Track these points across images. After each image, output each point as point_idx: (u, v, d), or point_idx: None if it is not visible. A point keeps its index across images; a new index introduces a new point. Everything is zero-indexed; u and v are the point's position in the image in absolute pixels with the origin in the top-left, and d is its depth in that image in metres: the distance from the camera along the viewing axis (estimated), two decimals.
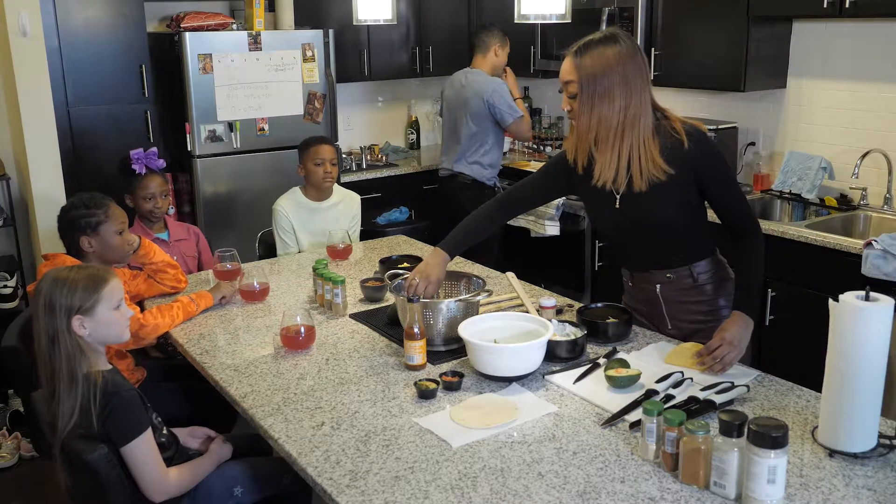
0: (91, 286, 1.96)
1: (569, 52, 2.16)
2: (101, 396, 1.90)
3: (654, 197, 2.17)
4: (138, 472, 1.94)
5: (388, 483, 1.65)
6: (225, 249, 2.94)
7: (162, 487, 1.98)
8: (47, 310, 1.93)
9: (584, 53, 2.12)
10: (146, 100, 4.30)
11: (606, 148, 2.16)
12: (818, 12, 3.48)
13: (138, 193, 3.32)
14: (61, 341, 1.92)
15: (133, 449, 1.92)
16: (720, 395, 1.92)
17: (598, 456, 1.74)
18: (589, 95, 2.10)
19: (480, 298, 2.39)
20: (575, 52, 2.13)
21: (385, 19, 3.45)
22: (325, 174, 3.44)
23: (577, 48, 2.14)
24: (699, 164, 2.16)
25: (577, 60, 2.12)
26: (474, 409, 1.95)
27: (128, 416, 1.92)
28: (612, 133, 2.13)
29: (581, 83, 2.11)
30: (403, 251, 3.31)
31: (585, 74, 2.10)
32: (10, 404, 3.95)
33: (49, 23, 3.96)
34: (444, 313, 2.27)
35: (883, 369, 1.66)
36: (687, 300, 2.33)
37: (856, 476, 1.63)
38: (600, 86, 2.09)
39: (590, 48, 2.11)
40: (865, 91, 3.75)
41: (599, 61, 2.09)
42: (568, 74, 2.15)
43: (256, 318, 2.65)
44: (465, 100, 4.43)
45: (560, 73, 2.18)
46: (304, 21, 4.82)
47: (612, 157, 2.16)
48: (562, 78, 2.17)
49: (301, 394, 2.08)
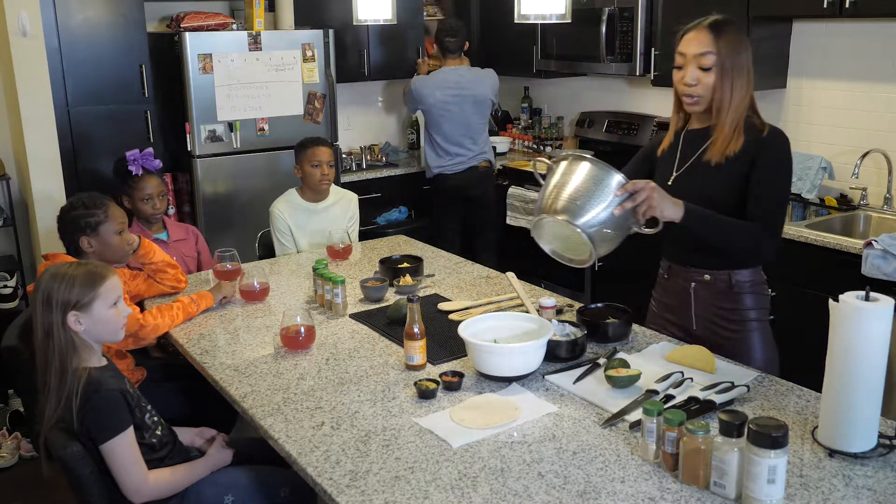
0: (89, 283, 1.98)
1: (696, 27, 2.18)
2: (81, 393, 1.92)
3: (717, 173, 2.20)
4: (115, 472, 1.95)
5: (388, 483, 1.65)
6: (225, 249, 2.94)
7: (139, 489, 1.97)
8: (45, 304, 1.94)
9: (720, 30, 2.15)
10: (146, 100, 4.30)
11: (731, 122, 2.18)
12: (818, 12, 3.48)
13: (136, 195, 3.28)
14: (55, 335, 1.94)
15: (111, 448, 1.93)
16: (720, 395, 1.92)
17: (598, 456, 1.74)
18: (728, 69, 2.14)
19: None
20: (710, 27, 2.15)
21: (385, 19, 3.45)
22: (321, 176, 3.43)
23: (711, 24, 2.16)
24: (763, 148, 2.16)
25: (714, 34, 2.14)
26: (474, 409, 1.95)
27: (106, 415, 1.93)
28: (737, 107, 2.16)
29: (722, 56, 2.13)
30: (403, 251, 3.31)
31: (727, 49, 2.13)
32: (10, 404, 3.95)
33: (49, 23, 3.96)
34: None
35: (883, 369, 1.66)
36: (719, 305, 2.30)
37: (856, 476, 1.63)
38: (738, 62, 2.14)
39: (724, 26, 2.16)
40: (865, 91, 3.75)
41: (737, 38, 2.16)
42: (704, 46, 2.15)
43: (256, 318, 2.65)
44: (477, 95, 4.73)
45: (686, 46, 2.19)
46: (304, 21, 4.82)
47: (728, 130, 2.18)
48: (694, 50, 2.16)
49: (301, 394, 2.08)
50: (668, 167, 2.32)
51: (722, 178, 2.20)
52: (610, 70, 4.60)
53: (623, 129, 4.91)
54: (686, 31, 2.22)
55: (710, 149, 2.21)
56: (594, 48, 4.56)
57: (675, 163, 2.31)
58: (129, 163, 3.26)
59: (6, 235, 4.25)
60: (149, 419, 2.09)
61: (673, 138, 2.34)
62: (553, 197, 2.07)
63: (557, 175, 2.10)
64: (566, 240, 2.12)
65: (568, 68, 4.95)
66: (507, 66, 5.41)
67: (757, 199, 2.18)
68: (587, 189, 2.03)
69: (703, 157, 2.23)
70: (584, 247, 2.07)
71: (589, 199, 2.01)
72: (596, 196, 2.02)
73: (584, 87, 5.35)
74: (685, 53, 2.19)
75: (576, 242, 2.09)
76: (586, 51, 4.66)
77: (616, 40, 4.49)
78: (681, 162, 2.29)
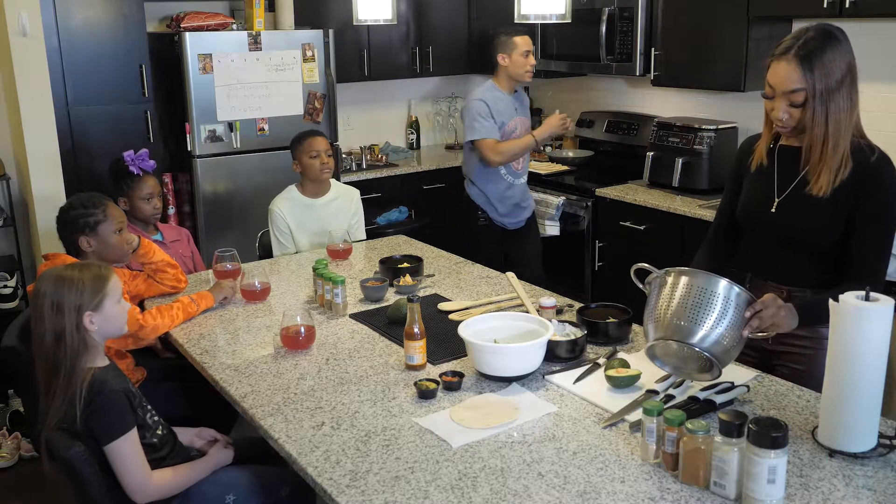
0: (98, 283, 2.01)
1: (785, 55, 1.96)
2: (85, 394, 1.93)
3: (822, 205, 2.03)
4: (119, 472, 1.95)
5: (388, 483, 1.65)
6: (225, 249, 2.94)
7: (143, 489, 1.98)
8: (54, 309, 1.95)
9: (811, 58, 1.92)
10: (146, 100, 4.30)
11: (836, 153, 1.98)
12: (818, 12, 3.48)
13: (135, 195, 3.25)
14: (68, 338, 1.95)
15: (114, 448, 1.94)
16: (720, 395, 1.92)
17: (598, 456, 1.74)
18: (823, 103, 1.94)
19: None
20: (799, 57, 1.93)
21: (385, 19, 3.45)
22: (321, 165, 3.43)
23: (799, 51, 1.94)
24: (869, 180, 1.99)
25: (803, 67, 1.93)
26: (474, 409, 1.95)
27: (109, 416, 1.94)
28: (842, 136, 1.97)
29: (815, 93, 1.93)
30: (403, 251, 3.31)
31: (819, 84, 1.93)
32: (10, 404, 3.95)
33: (49, 23, 3.96)
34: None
35: (883, 369, 1.66)
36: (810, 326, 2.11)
37: (856, 476, 1.63)
38: (835, 93, 1.94)
39: (816, 52, 1.93)
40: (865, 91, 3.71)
41: (831, 66, 1.93)
42: (793, 83, 1.94)
43: (256, 318, 2.65)
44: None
45: (776, 79, 1.98)
46: (304, 21, 4.82)
47: (835, 162, 1.99)
48: (783, 87, 1.97)
49: (301, 394, 2.08)
50: (767, 190, 2.14)
51: (827, 209, 2.02)
52: (610, 70, 4.60)
53: (623, 129, 4.91)
54: (773, 59, 2.00)
55: (816, 181, 2.02)
56: (594, 48, 4.56)
57: (773, 186, 2.13)
58: (128, 163, 3.26)
59: (6, 235, 4.25)
60: (150, 419, 2.10)
61: (766, 156, 2.16)
62: (663, 316, 1.91)
63: (668, 290, 1.93)
64: (685, 359, 1.97)
65: (568, 68, 4.95)
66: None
67: (861, 253, 2.02)
68: (700, 304, 1.87)
69: (806, 185, 2.04)
70: (703, 364, 1.93)
71: (703, 315, 1.86)
72: (710, 311, 1.86)
73: (584, 87, 5.35)
74: (774, 87, 2.00)
75: (695, 359, 1.94)
76: (586, 51, 4.66)
77: (616, 40, 4.49)
78: (781, 186, 2.12)
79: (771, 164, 2.16)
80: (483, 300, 2.71)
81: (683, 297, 1.89)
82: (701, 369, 1.95)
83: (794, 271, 2.14)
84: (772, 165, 2.16)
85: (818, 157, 2.01)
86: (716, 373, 1.90)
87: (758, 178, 2.19)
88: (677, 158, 4.19)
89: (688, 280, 1.91)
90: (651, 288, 2.00)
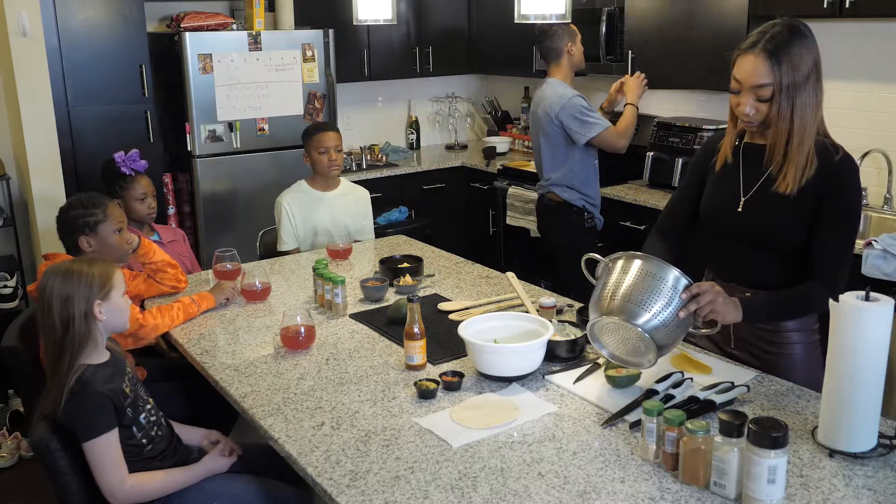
0: (105, 274, 2.05)
1: (752, 49, 1.95)
2: (69, 390, 1.95)
3: (789, 203, 2.02)
4: (94, 472, 1.96)
5: (388, 483, 1.65)
6: (225, 249, 2.93)
7: (113, 491, 1.97)
8: (63, 301, 1.97)
9: (779, 53, 1.92)
10: (146, 100, 4.30)
11: (802, 150, 1.98)
12: (818, 12, 3.48)
13: (129, 196, 3.23)
14: (75, 328, 1.97)
15: (90, 448, 1.95)
16: (720, 395, 1.92)
17: (598, 456, 1.74)
18: (790, 98, 1.94)
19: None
20: (766, 51, 1.93)
21: (385, 19, 3.45)
22: (329, 162, 3.44)
23: (766, 45, 1.93)
24: (833, 179, 1.98)
25: (771, 61, 1.92)
26: (474, 409, 1.95)
27: (87, 415, 1.95)
28: (807, 133, 1.97)
29: (781, 87, 1.93)
30: (403, 251, 3.31)
31: (786, 79, 1.93)
32: (10, 404, 3.95)
33: (49, 23, 3.96)
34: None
35: (883, 369, 1.66)
36: (761, 325, 2.15)
37: (856, 476, 1.63)
38: (801, 88, 1.94)
39: (783, 46, 1.93)
40: (865, 91, 3.75)
41: (798, 61, 1.93)
42: (761, 77, 1.94)
43: (256, 318, 2.65)
44: (538, 118, 3.95)
45: (743, 73, 1.97)
46: (304, 21, 4.82)
47: (801, 159, 1.98)
48: (750, 81, 1.96)
49: (301, 394, 2.08)
50: (733, 189, 2.13)
51: (793, 208, 2.02)
52: (610, 70, 4.60)
53: None
54: (740, 53, 1.99)
55: (783, 179, 2.01)
56: (594, 48, 4.56)
57: (739, 184, 2.12)
58: (119, 164, 3.25)
59: (6, 235, 4.25)
60: (144, 419, 2.08)
61: (731, 154, 2.15)
62: (610, 297, 1.93)
63: (614, 274, 1.96)
64: (625, 342, 1.97)
65: None
66: (507, 66, 5.41)
67: (823, 253, 2.01)
68: (647, 289, 1.89)
69: (772, 183, 2.04)
70: (643, 348, 1.93)
71: (649, 299, 1.88)
72: (656, 296, 1.88)
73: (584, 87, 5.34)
74: (741, 81, 1.99)
75: (635, 344, 1.95)
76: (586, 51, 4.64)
77: (616, 40, 4.49)
78: (746, 185, 2.11)
79: (736, 161, 2.15)
80: (483, 300, 2.71)
81: (635, 281, 1.92)
82: (635, 353, 1.96)
83: (759, 273, 2.13)
84: (737, 163, 2.14)
85: (783, 154, 2.01)
86: (651, 358, 1.91)
87: (723, 177, 2.17)
88: (677, 158, 4.19)
89: (640, 264, 1.93)
90: (603, 269, 2.02)
